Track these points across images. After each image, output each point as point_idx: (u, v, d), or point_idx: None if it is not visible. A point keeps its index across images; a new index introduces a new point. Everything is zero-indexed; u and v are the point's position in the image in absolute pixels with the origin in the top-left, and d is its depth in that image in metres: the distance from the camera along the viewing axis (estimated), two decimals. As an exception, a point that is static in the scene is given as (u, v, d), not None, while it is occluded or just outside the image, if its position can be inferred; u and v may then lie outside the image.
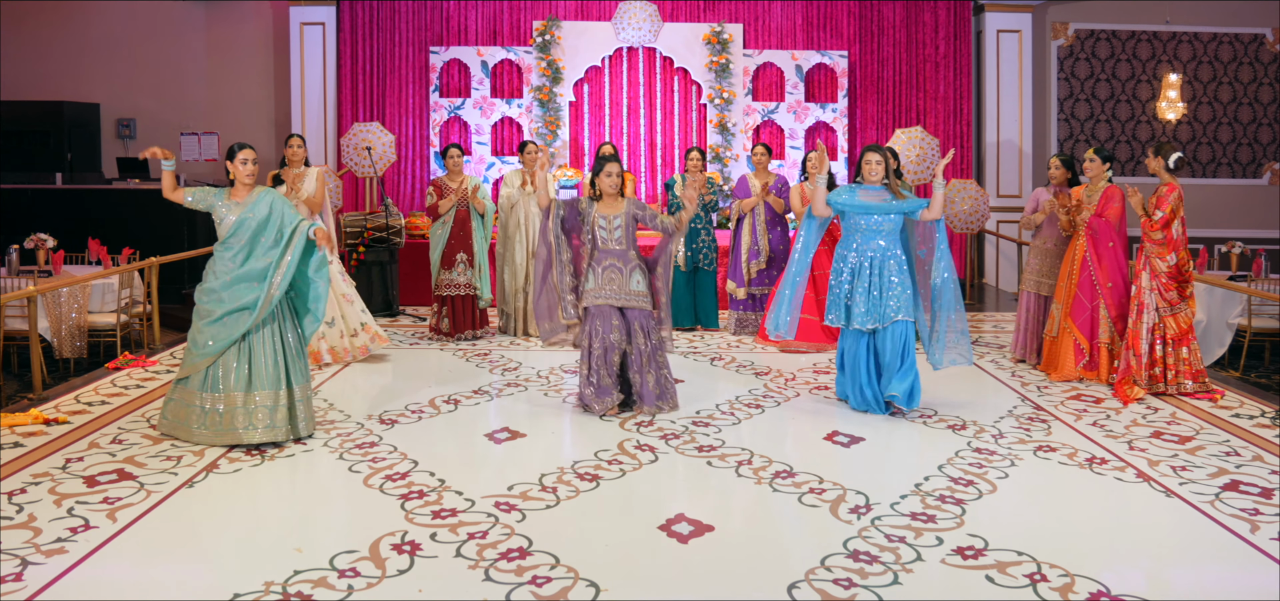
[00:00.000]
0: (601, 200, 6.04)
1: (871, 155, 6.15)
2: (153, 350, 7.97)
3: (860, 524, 4.33)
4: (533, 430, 5.80)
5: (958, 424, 5.94)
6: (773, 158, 11.76)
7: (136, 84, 12.69)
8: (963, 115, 12.48)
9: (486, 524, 4.29)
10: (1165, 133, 12.66)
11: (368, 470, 5.01)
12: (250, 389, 5.28)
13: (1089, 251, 6.91)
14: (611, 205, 6.03)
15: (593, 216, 6.00)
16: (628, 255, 6.00)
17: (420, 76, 12.43)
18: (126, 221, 11.15)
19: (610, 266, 5.96)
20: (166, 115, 12.71)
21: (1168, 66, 12.62)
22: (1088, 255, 6.92)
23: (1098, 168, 7.04)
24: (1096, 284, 6.89)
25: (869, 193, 6.09)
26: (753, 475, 5.00)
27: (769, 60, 12.46)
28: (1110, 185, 6.99)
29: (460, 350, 8.06)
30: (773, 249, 8.71)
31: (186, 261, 10.23)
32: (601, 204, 6.03)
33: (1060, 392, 6.72)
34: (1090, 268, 6.91)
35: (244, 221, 5.35)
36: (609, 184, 5.99)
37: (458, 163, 8.50)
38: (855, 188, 6.15)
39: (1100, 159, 7.04)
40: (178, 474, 4.91)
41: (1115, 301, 6.85)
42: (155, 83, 12.71)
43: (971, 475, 5.00)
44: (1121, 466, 5.14)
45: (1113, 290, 6.85)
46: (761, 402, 6.47)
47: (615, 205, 6.04)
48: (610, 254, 5.98)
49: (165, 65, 12.70)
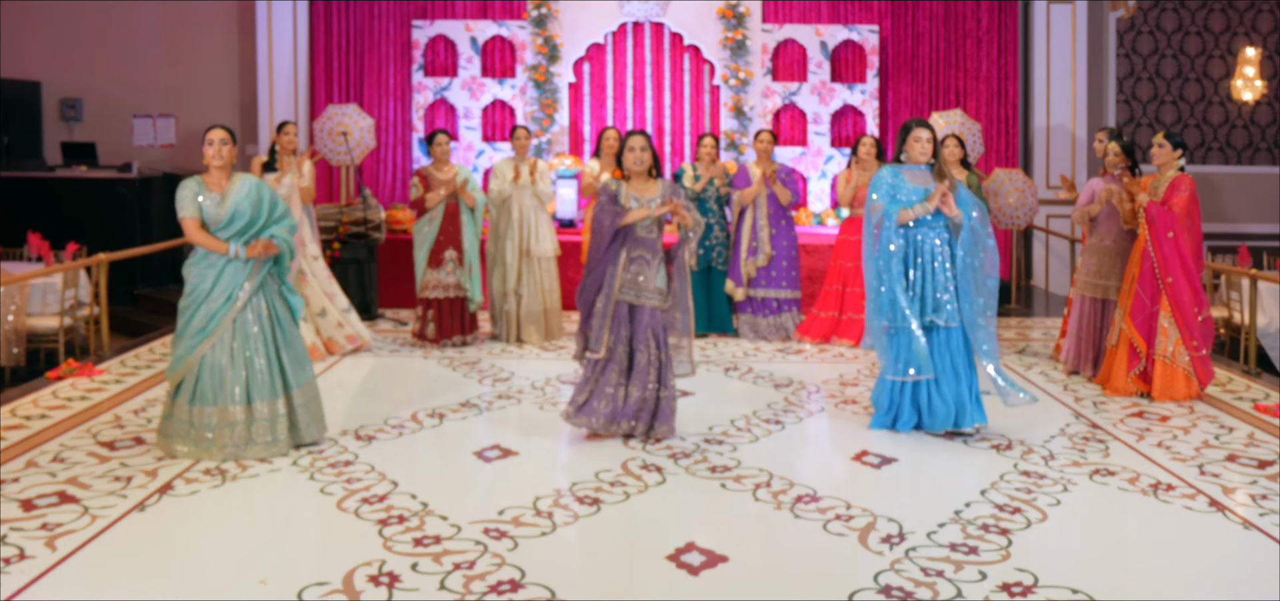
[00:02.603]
0: (630, 181, 5.85)
1: (921, 130, 5.95)
2: (100, 357, 7.97)
3: (893, 555, 4.29)
4: (526, 448, 5.78)
5: (1002, 443, 5.90)
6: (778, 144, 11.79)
7: (83, 60, 12.71)
8: (1008, 97, 12.45)
9: (474, 552, 4.27)
10: (1240, 116, 12.61)
11: (342, 492, 5.00)
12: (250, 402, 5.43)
13: (1149, 241, 6.87)
14: (643, 186, 5.84)
15: (625, 196, 5.77)
16: (657, 246, 5.84)
17: (402, 53, 12.44)
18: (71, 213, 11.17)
19: (640, 258, 5.77)
20: (117, 96, 12.73)
21: (1244, 40, 12.56)
22: (1148, 246, 6.87)
23: (1167, 154, 6.97)
24: (1158, 279, 6.84)
25: (916, 175, 6.02)
26: (771, 499, 4.97)
27: (790, 36, 12.45)
28: (1181, 174, 6.94)
29: (447, 358, 8.05)
30: (775, 247, 8.71)
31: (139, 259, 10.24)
32: (631, 185, 5.83)
33: (1119, 409, 6.69)
34: (1152, 260, 6.86)
35: (238, 212, 5.47)
36: (634, 161, 5.80)
37: (445, 150, 8.50)
38: (898, 168, 6.08)
39: (1171, 144, 6.97)
40: (127, 496, 4.90)
41: (1177, 303, 6.80)
42: (104, 59, 12.73)
43: (1019, 501, 4.96)
44: (1191, 493, 5.11)
45: (1173, 288, 6.80)
46: (781, 417, 6.45)
47: (648, 186, 5.84)
48: (641, 243, 5.78)
49: (116, 39, 12.73)
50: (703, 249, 8.86)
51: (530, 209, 8.63)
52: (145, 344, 8.42)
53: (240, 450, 5.39)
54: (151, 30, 12.78)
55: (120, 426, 6.08)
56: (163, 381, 7.14)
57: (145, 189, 11.59)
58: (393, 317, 9.85)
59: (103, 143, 12.35)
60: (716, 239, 8.91)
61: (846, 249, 8.81)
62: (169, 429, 5.49)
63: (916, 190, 5.95)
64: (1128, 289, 7.02)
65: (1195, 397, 6.85)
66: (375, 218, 9.78)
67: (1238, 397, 6.99)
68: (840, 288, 8.82)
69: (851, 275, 8.72)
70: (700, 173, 8.89)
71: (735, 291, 8.83)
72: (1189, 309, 6.82)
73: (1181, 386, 6.84)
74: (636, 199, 5.78)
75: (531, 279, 8.64)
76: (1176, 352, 6.83)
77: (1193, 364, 6.81)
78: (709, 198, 8.83)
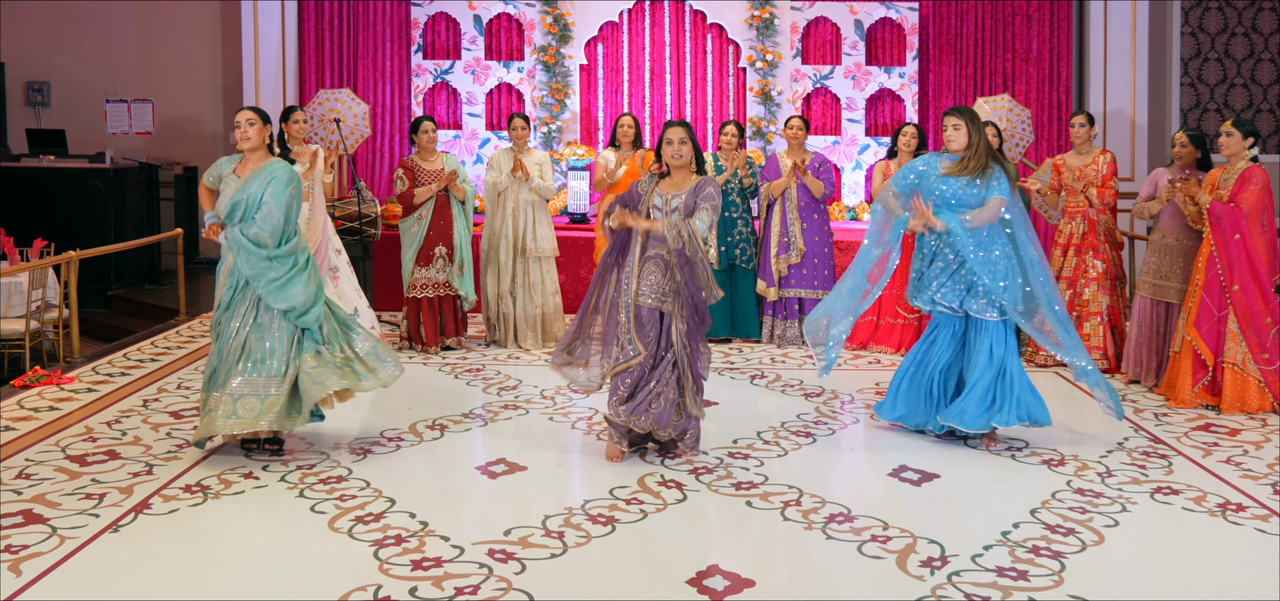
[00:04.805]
0: (668, 177, 5.86)
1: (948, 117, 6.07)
2: (70, 364, 8.02)
3: (934, 580, 4.30)
4: (535, 462, 5.79)
5: (1054, 459, 5.89)
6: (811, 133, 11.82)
7: (51, 40, 12.80)
8: (1061, 80, 12.42)
9: (478, 576, 4.29)
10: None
11: (334, 510, 5.02)
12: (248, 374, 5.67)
13: (1213, 245, 6.85)
14: (678, 181, 5.83)
15: (648, 196, 5.81)
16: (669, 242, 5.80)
17: (400, 34, 12.48)
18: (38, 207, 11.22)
19: (655, 257, 5.75)
20: (88, 79, 12.82)
21: (1322, 17, 12.50)
22: (1213, 251, 6.85)
23: (1237, 143, 6.96)
24: (1224, 287, 6.83)
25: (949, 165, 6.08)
26: (801, 519, 4.98)
27: (822, 14, 12.46)
28: (1253, 165, 6.91)
29: (448, 365, 8.08)
30: (808, 242, 8.72)
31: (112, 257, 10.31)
32: (667, 181, 5.84)
33: (1183, 421, 6.67)
34: (1218, 266, 6.84)
35: (237, 202, 5.69)
36: (672, 154, 5.77)
37: (432, 139, 8.53)
38: (939, 156, 6.14)
39: (1240, 133, 6.96)
40: (100, 515, 4.93)
41: (1247, 312, 6.77)
42: (74, 39, 12.82)
43: (1073, 522, 4.96)
44: (1264, 514, 5.09)
45: (1241, 296, 6.78)
46: (812, 430, 6.45)
47: (682, 182, 5.83)
48: (657, 241, 5.77)
49: (87, 17, 12.82)
50: (724, 246, 8.87)
51: (526, 204, 8.65)
52: (119, 349, 8.47)
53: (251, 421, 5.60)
54: (125, 9, 12.86)
55: (92, 439, 6.12)
56: (138, 391, 7.20)
57: (119, 180, 11.65)
58: (389, 321, 9.89)
59: (73, 130, 12.44)
60: (739, 235, 8.91)
61: None
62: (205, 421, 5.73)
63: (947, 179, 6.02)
64: (1192, 294, 6.99)
65: (1269, 410, 6.83)
66: (371, 212, 9.81)
67: (1315, 410, 6.96)
68: None
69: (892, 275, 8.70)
70: (722, 163, 8.90)
71: (768, 292, 8.83)
72: (1260, 319, 6.79)
73: (1254, 397, 6.81)
74: (661, 195, 5.78)
75: (527, 280, 8.66)
76: (1247, 361, 6.81)
77: (1264, 376, 6.79)
78: (732, 190, 8.83)
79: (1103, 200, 7.94)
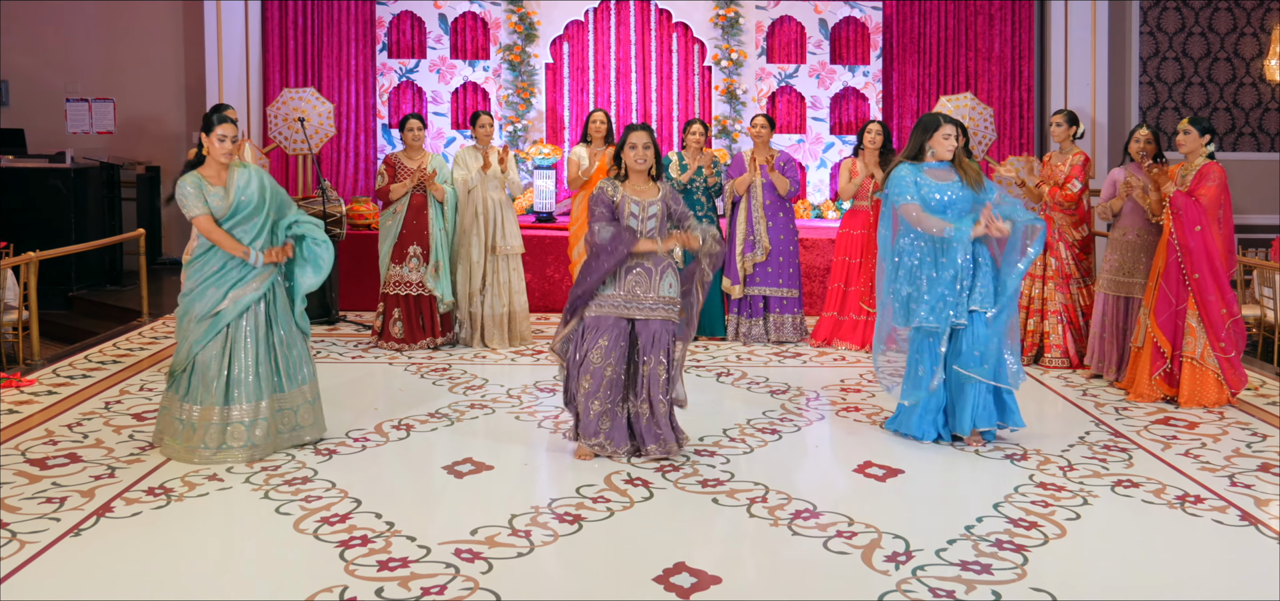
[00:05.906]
0: (627, 179, 5.82)
1: (948, 126, 6.08)
2: (30, 366, 7.94)
3: (899, 575, 4.32)
4: (501, 461, 5.79)
5: (1016, 453, 5.94)
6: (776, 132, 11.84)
7: (9, 38, 12.65)
8: (1022, 79, 12.53)
9: (445, 576, 4.28)
10: (1274, 98, 12.70)
11: (299, 512, 4.99)
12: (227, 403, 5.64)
13: (1174, 235, 6.92)
14: (642, 187, 5.80)
15: (623, 202, 5.74)
16: (659, 255, 5.77)
17: (365, 32, 12.43)
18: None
19: (639, 266, 5.72)
20: (48, 77, 12.68)
21: (1279, 16, 12.64)
22: (1173, 240, 6.93)
23: (1194, 141, 7.04)
24: (1184, 276, 6.90)
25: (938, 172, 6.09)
26: (768, 515, 4.99)
27: (787, 13, 12.50)
28: (1210, 162, 7.00)
29: (414, 364, 8.05)
30: (773, 240, 8.74)
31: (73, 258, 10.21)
32: (629, 185, 5.80)
33: (1143, 415, 6.74)
34: (1178, 256, 6.92)
35: (241, 202, 5.64)
36: (636, 159, 5.74)
37: (418, 137, 8.53)
38: (919, 167, 6.13)
39: (1197, 130, 7.04)
40: (60, 519, 4.88)
41: (1203, 302, 6.85)
42: (33, 36, 12.68)
43: (1035, 516, 5.00)
44: (1221, 506, 5.15)
45: (1199, 285, 6.85)
46: (778, 427, 6.47)
47: (648, 188, 5.80)
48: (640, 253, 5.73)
49: (46, 14, 12.67)
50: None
51: (495, 202, 8.64)
52: (81, 352, 8.38)
53: (212, 455, 5.58)
54: (86, 6, 12.72)
55: (53, 442, 6.05)
56: (98, 393, 7.13)
57: (80, 180, 11.53)
58: (355, 320, 9.83)
59: (32, 129, 12.31)
60: (706, 234, 8.92)
61: (848, 244, 8.85)
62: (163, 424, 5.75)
63: (943, 186, 6.03)
64: (1152, 285, 7.07)
65: (1226, 403, 6.91)
66: (335, 212, 9.76)
67: (1271, 402, 7.05)
68: (842, 286, 8.86)
69: (855, 272, 8.77)
70: (686, 162, 8.91)
71: (732, 289, 8.85)
72: (1216, 309, 6.87)
73: (1211, 391, 6.90)
74: (636, 202, 5.74)
75: (496, 278, 8.65)
76: (1205, 355, 6.89)
77: (1221, 365, 6.87)
78: (696, 189, 8.84)
79: (1053, 197, 7.99)
